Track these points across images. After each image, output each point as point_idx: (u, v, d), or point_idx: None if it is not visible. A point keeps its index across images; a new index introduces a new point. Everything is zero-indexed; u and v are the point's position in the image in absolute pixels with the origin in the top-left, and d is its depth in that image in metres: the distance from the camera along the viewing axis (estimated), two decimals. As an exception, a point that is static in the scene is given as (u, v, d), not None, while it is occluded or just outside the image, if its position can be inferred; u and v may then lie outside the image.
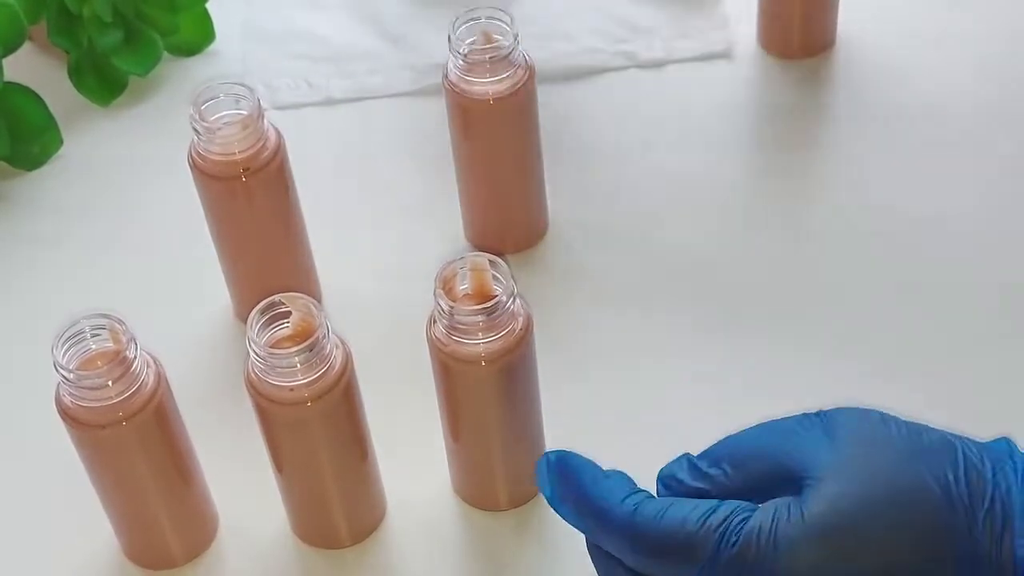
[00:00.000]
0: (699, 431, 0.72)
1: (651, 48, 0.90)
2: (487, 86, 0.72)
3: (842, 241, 0.80)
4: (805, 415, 0.56)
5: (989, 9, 0.91)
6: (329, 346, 0.61)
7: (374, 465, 0.68)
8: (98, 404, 0.61)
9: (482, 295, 0.62)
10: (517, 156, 0.77)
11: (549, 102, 0.77)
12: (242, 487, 0.71)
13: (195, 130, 0.69)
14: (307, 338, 0.60)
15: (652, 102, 0.87)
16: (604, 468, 0.59)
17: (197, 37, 0.92)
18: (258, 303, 0.61)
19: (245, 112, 0.69)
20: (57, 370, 0.61)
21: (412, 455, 0.71)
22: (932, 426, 0.54)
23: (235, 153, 0.70)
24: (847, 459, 0.53)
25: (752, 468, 0.56)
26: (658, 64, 0.89)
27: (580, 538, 0.59)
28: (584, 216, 0.82)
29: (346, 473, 0.66)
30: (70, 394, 0.62)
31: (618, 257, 0.80)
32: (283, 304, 0.62)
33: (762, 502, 0.54)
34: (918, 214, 0.81)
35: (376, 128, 0.88)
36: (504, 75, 0.72)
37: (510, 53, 0.71)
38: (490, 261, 0.62)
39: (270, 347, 0.61)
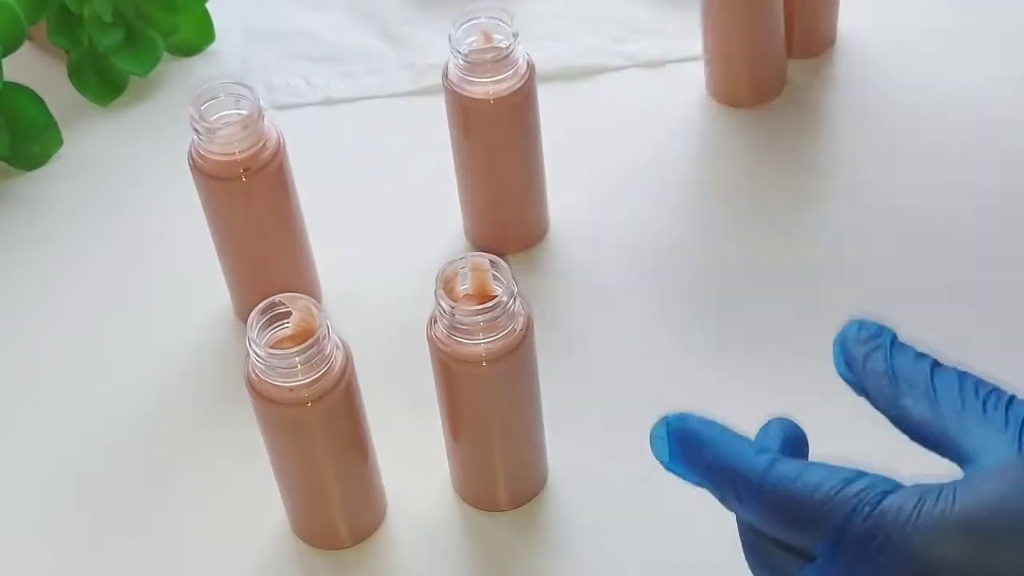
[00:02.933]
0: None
1: (651, 48, 0.90)
2: (487, 86, 0.72)
3: (841, 241, 0.80)
4: (998, 393, 0.51)
5: (991, 8, 0.91)
6: (329, 346, 0.61)
7: (374, 465, 0.68)
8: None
9: (482, 295, 0.62)
10: (517, 156, 0.77)
11: (549, 102, 0.77)
12: (243, 487, 0.71)
13: (195, 130, 0.69)
14: (307, 338, 0.60)
15: (652, 102, 0.87)
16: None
17: (197, 37, 0.92)
18: (258, 303, 0.61)
19: (245, 112, 0.69)
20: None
21: (412, 455, 0.71)
22: None
23: (235, 153, 0.70)
24: (1020, 463, 0.48)
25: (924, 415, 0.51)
26: (658, 64, 0.89)
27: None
28: (584, 216, 0.82)
29: (346, 473, 0.66)
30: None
31: (618, 257, 0.80)
32: (283, 304, 0.62)
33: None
34: (921, 217, 0.81)
35: (376, 128, 0.88)
36: (504, 75, 0.72)
37: (510, 53, 0.71)
38: (490, 261, 0.62)
39: (270, 347, 0.61)
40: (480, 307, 0.61)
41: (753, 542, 0.52)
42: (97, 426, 0.75)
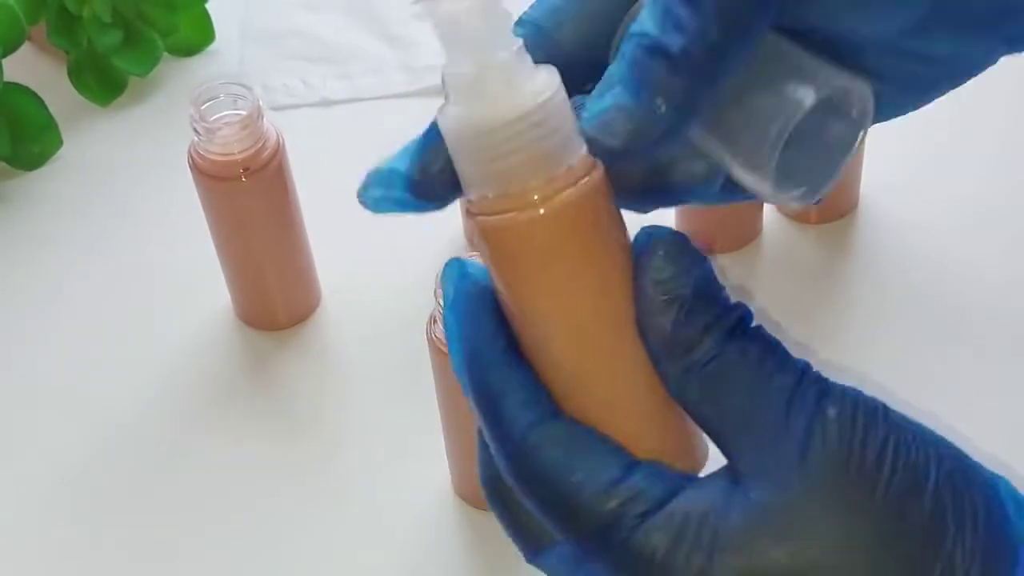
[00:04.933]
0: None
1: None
2: (487, 86, 0.72)
3: (841, 239, 0.80)
4: (807, 378, 0.39)
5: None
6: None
7: None
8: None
9: (482, 295, 0.62)
10: (516, 156, 0.77)
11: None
12: (243, 486, 0.71)
13: (195, 130, 0.69)
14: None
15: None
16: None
17: (197, 37, 0.92)
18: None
19: (245, 112, 0.70)
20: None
21: (412, 455, 0.71)
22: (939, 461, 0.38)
23: (235, 153, 0.70)
24: (804, 506, 0.37)
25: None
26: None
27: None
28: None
29: None
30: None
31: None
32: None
33: None
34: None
35: (374, 129, 0.88)
36: (504, 75, 0.72)
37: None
38: (490, 261, 0.62)
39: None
40: (480, 307, 0.61)
41: (498, 486, 0.42)
42: (96, 425, 0.75)
